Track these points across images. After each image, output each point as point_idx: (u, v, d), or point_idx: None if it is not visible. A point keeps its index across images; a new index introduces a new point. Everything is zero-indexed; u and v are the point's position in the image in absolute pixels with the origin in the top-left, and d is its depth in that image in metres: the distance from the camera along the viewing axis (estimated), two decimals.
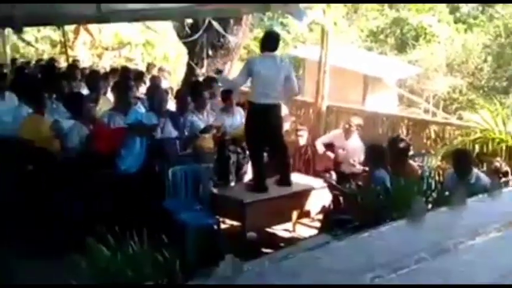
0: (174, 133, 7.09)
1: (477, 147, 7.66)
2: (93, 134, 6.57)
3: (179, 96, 7.84)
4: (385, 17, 22.90)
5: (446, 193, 4.24)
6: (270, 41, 6.67)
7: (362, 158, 7.26)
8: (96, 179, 6.34)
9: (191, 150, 7.17)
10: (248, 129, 6.80)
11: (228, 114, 7.84)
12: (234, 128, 7.72)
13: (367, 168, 6.73)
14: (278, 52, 6.81)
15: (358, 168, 7.54)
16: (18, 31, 7.88)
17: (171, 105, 8.01)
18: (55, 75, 9.87)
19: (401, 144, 6.71)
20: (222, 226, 6.71)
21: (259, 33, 20.66)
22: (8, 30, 13.79)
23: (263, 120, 6.67)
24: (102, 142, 6.42)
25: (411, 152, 7.04)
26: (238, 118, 7.88)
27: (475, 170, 6.05)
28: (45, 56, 17.04)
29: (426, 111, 16.68)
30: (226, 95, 7.97)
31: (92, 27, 14.53)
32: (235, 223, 6.88)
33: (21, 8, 6.09)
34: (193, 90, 7.82)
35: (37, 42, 19.34)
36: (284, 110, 7.41)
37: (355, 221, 3.90)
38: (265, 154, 7.06)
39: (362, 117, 8.74)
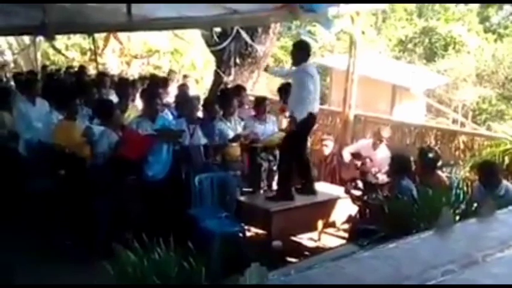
0: (204, 140, 7.14)
1: (507, 159, 7.55)
2: (122, 140, 6.63)
3: (208, 103, 7.89)
4: (413, 26, 22.78)
5: (475, 205, 4.18)
6: (304, 52, 6.72)
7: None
8: (123, 185, 6.39)
9: (219, 158, 7.21)
10: (297, 138, 6.76)
11: (260, 121, 7.86)
12: (266, 136, 7.74)
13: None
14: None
15: (385, 178, 7.49)
16: (50, 39, 8.00)
17: (199, 112, 8.07)
18: (85, 82, 10.00)
19: (431, 155, 6.67)
20: (248, 234, 6.71)
21: (286, 42, 20.75)
22: (40, 38, 14.02)
23: (308, 129, 6.81)
24: (131, 148, 6.47)
25: (439, 163, 6.97)
26: (270, 126, 7.90)
27: (505, 182, 5.96)
28: (75, 64, 17.27)
29: (455, 121, 16.51)
30: (259, 102, 8.01)
31: (122, 35, 14.67)
32: (260, 231, 6.87)
33: (53, 16, 6.20)
34: (222, 98, 7.87)
35: (67, 50, 19.61)
36: None
37: (381, 231, 3.88)
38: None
39: (390, 127, 8.68)
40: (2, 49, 20.36)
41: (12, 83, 11.68)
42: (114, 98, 8.48)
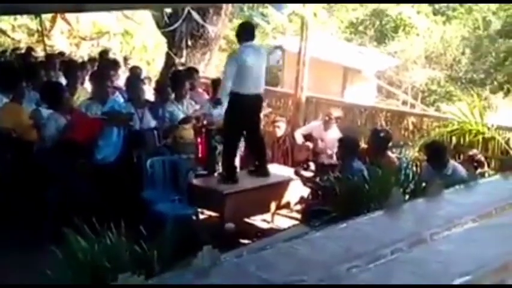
0: (153, 123, 7.05)
1: (454, 138, 7.75)
2: (71, 123, 6.49)
3: (159, 86, 7.80)
4: (364, 8, 22.95)
5: (423, 184, 4.27)
6: (248, 32, 6.67)
7: None
8: (72, 169, 6.28)
9: (171, 141, 7.15)
10: (231, 120, 6.72)
11: (215, 104, 7.80)
12: (221, 118, 7.70)
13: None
14: (257, 43, 6.80)
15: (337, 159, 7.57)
16: None
17: (150, 95, 7.97)
18: (32, 64, 9.75)
19: (382, 135, 6.77)
20: (201, 217, 6.71)
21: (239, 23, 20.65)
22: None
23: (249, 110, 6.71)
24: (80, 132, 6.35)
25: (390, 144, 7.08)
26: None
27: (452, 162, 6.11)
28: (22, 45, 16.79)
29: (405, 102, 16.79)
30: (217, 85, 7.95)
31: (70, 16, 14.34)
32: (213, 214, 6.87)
33: None
34: (174, 81, 7.77)
35: (14, 31, 19.04)
36: None
37: (333, 212, 3.93)
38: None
39: (341, 109, 8.78)
40: None
41: None
42: (62, 80, 8.29)
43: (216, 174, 7.51)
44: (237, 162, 7.15)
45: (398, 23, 21.52)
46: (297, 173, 6.87)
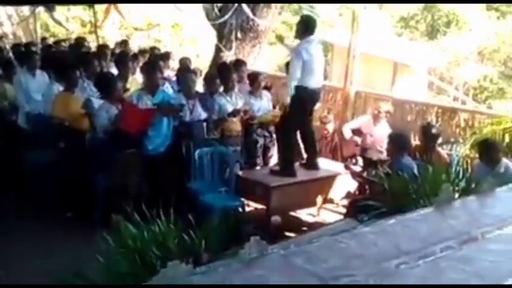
0: (203, 115, 7.12)
1: (507, 136, 7.55)
2: (122, 114, 6.61)
3: (208, 78, 7.86)
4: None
5: (475, 182, 4.19)
6: (310, 26, 6.67)
7: None
8: (123, 158, 6.39)
9: (219, 133, 7.20)
10: (297, 114, 6.73)
11: (255, 97, 7.82)
12: (262, 112, 7.72)
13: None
14: None
15: (386, 155, 7.49)
16: (49, 10, 7.93)
17: (199, 87, 8.03)
18: (85, 54, 9.94)
19: (433, 131, 6.67)
20: (247, 209, 6.74)
21: (288, 16, 20.58)
22: (39, 9, 13.90)
23: (310, 104, 6.78)
24: (130, 122, 6.45)
25: (440, 140, 6.97)
26: (265, 102, 7.88)
27: (505, 160, 5.97)
28: (75, 36, 17.15)
29: (456, 99, 16.47)
30: (254, 78, 7.96)
31: (122, 7, 14.57)
32: (259, 206, 6.90)
33: None
34: (222, 73, 7.81)
35: (67, 22, 19.44)
36: None
37: (381, 207, 3.89)
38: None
39: (390, 104, 8.67)
40: (0, 20, 20.21)
41: (11, 54, 11.59)
42: (114, 70, 8.43)
43: (258, 167, 7.54)
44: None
45: (450, 18, 21.06)
46: (346, 168, 6.84)
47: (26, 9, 18.29)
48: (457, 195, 3.72)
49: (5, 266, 5.36)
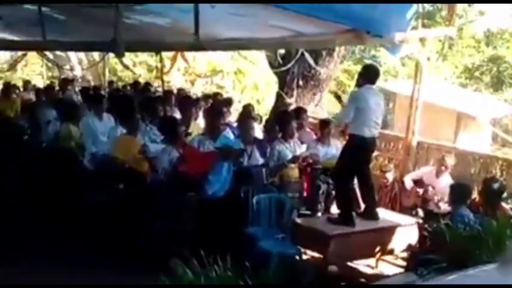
0: (261, 160, 7.17)
1: None
2: (183, 157, 6.72)
3: (269, 124, 7.93)
4: (481, 54, 22.28)
5: None
6: (373, 74, 6.67)
7: None
8: (183, 202, 6.47)
9: (277, 179, 7.21)
10: (349, 161, 6.68)
11: (323, 144, 7.85)
12: (328, 159, 7.70)
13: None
14: None
15: (447, 207, 7.31)
16: (119, 56, 8.22)
17: (259, 133, 8.11)
18: (151, 99, 10.21)
19: (496, 185, 6.49)
20: (304, 257, 6.67)
21: (350, 65, 20.67)
22: (108, 55, 14.44)
23: (367, 152, 6.73)
24: (192, 165, 6.55)
25: (504, 194, 6.76)
26: (333, 149, 7.86)
27: None
28: (141, 80, 17.68)
29: None
30: (324, 125, 8.00)
31: (188, 54, 15.00)
32: (316, 255, 6.81)
33: (123, 34, 6.40)
34: (282, 120, 7.87)
35: (134, 67, 20.10)
36: None
37: (442, 261, 3.78)
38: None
39: (453, 155, 8.50)
40: (72, 64, 21.10)
41: (79, 97, 12.05)
42: (177, 115, 8.62)
43: (319, 214, 7.47)
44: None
45: None
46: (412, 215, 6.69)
47: (96, 55, 19.05)
48: None
49: None
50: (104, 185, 7.36)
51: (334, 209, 7.56)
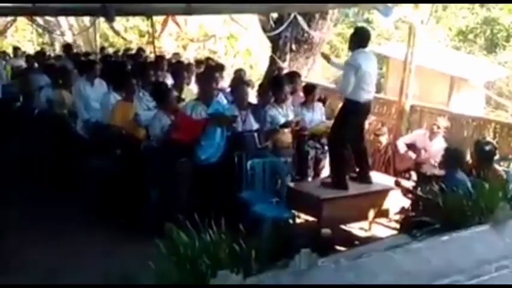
0: (255, 126, 7.17)
1: None
2: (175, 124, 6.71)
3: (262, 89, 7.91)
4: (475, 16, 22.11)
5: None
6: (364, 37, 6.61)
7: None
8: (176, 168, 6.48)
9: (270, 144, 7.22)
10: (345, 126, 6.66)
11: (308, 109, 7.84)
12: (314, 124, 7.71)
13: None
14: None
15: (440, 170, 7.34)
16: (110, 20, 8.13)
17: (252, 98, 8.09)
18: (142, 64, 10.14)
19: (488, 148, 6.51)
20: (297, 221, 6.72)
21: (343, 29, 20.51)
22: (99, 20, 14.28)
23: (362, 117, 6.74)
24: (184, 132, 6.54)
25: (497, 156, 6.79)
26: (318, 114, 7.88)
27: None
28: (133, 46, 17.53)
29: None
30: (309, 90, 7.97)
31: (179, 18, 14.85)
32: (310, 218, 6.86)
33: None
34: (275, 84, 7.84)
35: (126, 32, 19.91)
36: None
37: (435, 223, 3.81)
38: None
39: (447, 119, 8.50)
40: (62, 30, 20.86)
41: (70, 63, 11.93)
42: (169, 81, 8.58)
43: (309, 179, 7.51)
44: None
45: (510, 31, 20.56)
46: (397, 184, 6.71)
47: (86, 20, 18.84)
48: None
49: (61, 263, 5.58)
50: (99, 151, 7.36)
51: (324, 174, 7.62)
